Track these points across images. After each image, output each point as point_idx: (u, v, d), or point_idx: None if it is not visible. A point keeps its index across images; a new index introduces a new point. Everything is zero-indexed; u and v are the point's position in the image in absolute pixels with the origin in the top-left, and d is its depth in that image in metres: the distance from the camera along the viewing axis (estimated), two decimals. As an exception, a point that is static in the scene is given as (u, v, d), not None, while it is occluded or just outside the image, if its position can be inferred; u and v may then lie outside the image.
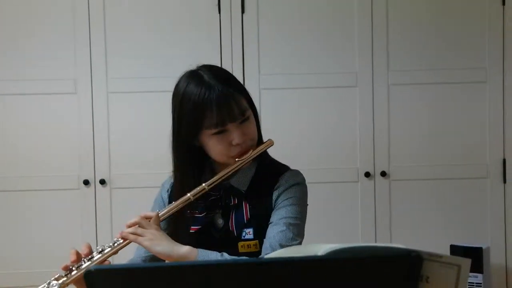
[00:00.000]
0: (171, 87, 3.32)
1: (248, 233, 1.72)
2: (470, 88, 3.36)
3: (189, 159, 1.75)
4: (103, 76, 3.33)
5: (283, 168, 1.82)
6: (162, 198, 1.87)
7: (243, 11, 3.34)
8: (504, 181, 3.37)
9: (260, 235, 1.71)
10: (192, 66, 1.78)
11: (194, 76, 1.71)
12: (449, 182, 3.38)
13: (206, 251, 1.62)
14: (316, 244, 1.12)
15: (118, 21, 3.35)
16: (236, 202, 1.76)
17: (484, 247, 3.23)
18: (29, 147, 3.36)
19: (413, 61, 3.36)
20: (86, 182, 3.34)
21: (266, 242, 1.67)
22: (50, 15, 3.34)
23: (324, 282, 1.06)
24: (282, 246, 1.64)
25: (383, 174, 3.35)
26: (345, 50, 3.36)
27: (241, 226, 1.73)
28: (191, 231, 1.77)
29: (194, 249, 1.61)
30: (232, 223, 1.74)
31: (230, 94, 1.66)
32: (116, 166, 3.35)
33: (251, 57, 3.33)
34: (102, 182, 3.33)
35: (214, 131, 1.67)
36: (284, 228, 1.67)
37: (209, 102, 1.64)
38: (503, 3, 3.32)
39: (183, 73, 1.76)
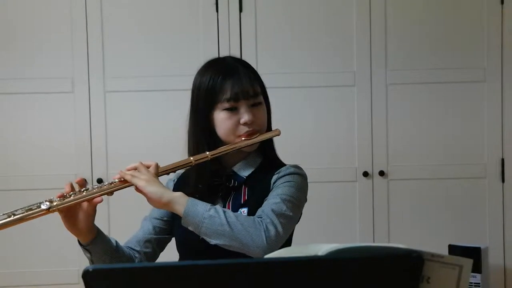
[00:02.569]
0: (169, 86, 3.35)
1: (243, 212, 1.76)
2: (468, 87, 3.36)
3: (202, 139, 1.81)
4: (100, 75, 3.32)
5: (285, 164, 1.87)
6: (168, 187, 1.91)
7: (241, 10, 3.33)
8: (503, 181, 3.37)
9: (253, 214, 1.73)
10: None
11: (217, 59, 1.88)
12: (447, 182, 3.37)
13: (196, 200, 1.65)
14: (317, 244, 1.12)
15: (116, 20, 3.34)
16: (236, 184, 1.81)
17: (482, 247, 3.22)
18: (26, 146, 3.35)
19: (411, 60, 3.35)
20: (83, 181, 3.32)
21: (260, 209, 1.70)
22: (47, 13, 3.33)
23: (324, 282, 1.05)
24: (274, 211, 1.66)
25: (381, 173, 3.35)
26: (343, 49, 3.35)
27: (238, 206, 1.78)
28: None
29: (185, 196, 1.66)
30: (229, 204, 1.80)
31: (247, 75, 1.78)
32: (113, 165, 3.34)
33: (248, 56, 3.32)
34: (100, 181, 3.32)
35: (226, 105, 1.76)
36: (279, 201, 1.70)
37: (225, 78, 1.76)
38: (502, 2, 3.32)
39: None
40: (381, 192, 3.36)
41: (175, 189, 1.89)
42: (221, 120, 1.77)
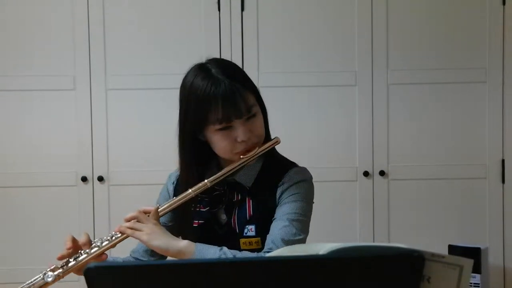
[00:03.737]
0: (170, 85, 3.35)
1: (250, 230, 1.70)
2: (469, 88, 3.36)
3: (194, 154, 1.72)
4: (102, 73, 3.33)
5: (290, 165, 1.79)
6: (168, 190, 1.86)
7: (242, 9, 3.33)
8: (503, 182, 3.37)
9: (262, 232, 1.68)
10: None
11: (202, 69, 1.68)
12: (448, 182, 3.38)
13: (204, 245, 1.59)
14: (318, 243, 1.12)
15: (117, 18, 3.34)
16: (240, 198, 1.73)
17: (482, 247, 3.22)
18: (27, 143, 3.35)
19: (412, 60, 3.36)
20: (84, 179, 3.33)
21: (269, 238, 1.65)
22: (49, 10, 3.33)
23: (325, 281, 1.05)
24: (284, 241, 1.62)
25: (382, 173, 3.35)
26: (345, 49, 3.35)
27: (244, 223, 1.71)
28: (194, 225, 1.75)
29: (192, 244, 1.59)
30: (235, 220, 1.72)
31: (236, 90, 1.63)
32: (114, 163, 3.34)
33: (250, 55, 3.32)
34: (100, 179, 3.32)
35: (218, 126, 1.64)
36: (287, 223, 1.65)
37: (214, 97, 1.61)
38: (503, 3, 3.32)
39: (192, 66, 1.73)
40: (381, 192, 3.36)
41: (176, 194, 1.78)
42: (216, 140, 1.67)
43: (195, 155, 1.72)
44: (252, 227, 1.70)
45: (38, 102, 3.34)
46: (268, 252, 1.60)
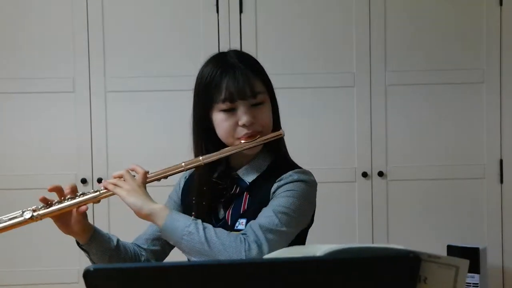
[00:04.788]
0: (169, 87, 3.36)
1: (242, 223, 1.67)
2: (467, 88, 3.37)
3: (203, 140, 1.73)
4: (101, 75, 3.33)
5: (295, 167, 1.76)
6: (179, 184, 1.87)
7: (241, 11, 3.34)
8: (501, 182, 3.38)
9: None
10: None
11: (218, 55, 1.77)
12: (446, 183, 3.38)
13: (178, 213, 1.60)
14: (315, 245, 1.12)
15: (116, 20, 3.35)
16: (238, 191, 1.72)
17: (481, 247, 3.23)
18: (26, 146, 3.35)
19: (410, 61, 3.36)
20: (83, 181, 3.33)
21: (249, 223, 1.61)
22: (48, 13, 3.33)
23: (322, 282, 1.06)
24: (261, 227, 1.56)
25: (380, 174, 3.35)
26: (343, 50, 3.36)
27: (237, 217, 1.70)
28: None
29: (167, 209, 1.58)
30: (229, 213, 1.71)
31: (245, 73, 1.67)
32: (113, 165, 3.34)
33: (249, 57, 3.33)
34: (100, 181, 3.33)
35: (223, 106, 1.66)
36: (272, 214, 1.60)
37: (221, 76, 1.66)
38: (501, 4, 3.33)
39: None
40: (380, 193, 3.37)
41: (185, 187, 1.82)
42: (219, 121, 1.68)
43: (205, 141, 1.73)
44: (244, 221, 1.67)
45: (37, 105, 3.35)
46: (243, 234, 1.57)
